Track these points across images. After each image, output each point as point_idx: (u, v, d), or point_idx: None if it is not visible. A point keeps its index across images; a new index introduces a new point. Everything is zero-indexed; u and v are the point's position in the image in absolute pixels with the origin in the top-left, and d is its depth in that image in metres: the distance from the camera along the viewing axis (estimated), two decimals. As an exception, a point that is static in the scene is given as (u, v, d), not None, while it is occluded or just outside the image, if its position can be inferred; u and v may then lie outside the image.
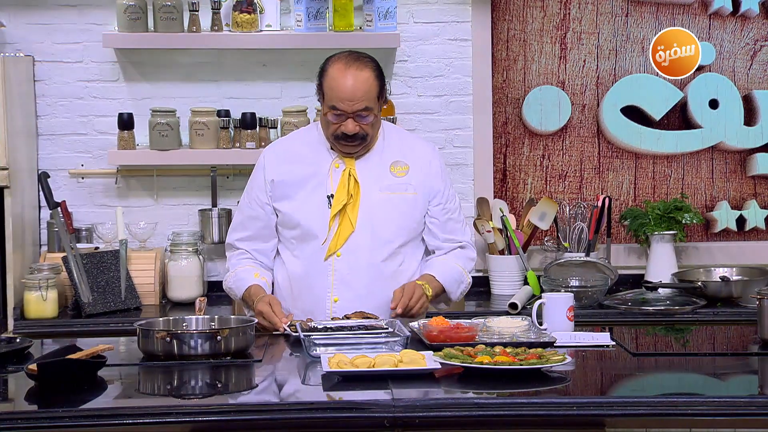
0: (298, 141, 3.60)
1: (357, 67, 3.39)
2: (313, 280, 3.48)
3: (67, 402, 2.66)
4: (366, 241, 3.47)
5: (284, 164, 3.53)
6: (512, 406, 2.63)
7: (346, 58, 3.43)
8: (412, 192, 3.53)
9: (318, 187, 3.49)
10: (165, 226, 4.61)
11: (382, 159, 3.53)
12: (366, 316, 3.32)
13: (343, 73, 3.39)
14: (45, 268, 4.24)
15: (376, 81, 3.42)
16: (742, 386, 2.96)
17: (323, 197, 3.48)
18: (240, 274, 3.56)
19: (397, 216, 3.50)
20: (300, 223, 3.49)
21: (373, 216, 3.48)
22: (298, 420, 2.61)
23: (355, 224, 3.45)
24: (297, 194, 3.50)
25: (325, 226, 3.46)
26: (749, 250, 4.77)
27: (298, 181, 3.50)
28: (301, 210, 3.49)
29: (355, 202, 3.47)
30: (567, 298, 3.33)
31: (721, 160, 4.79)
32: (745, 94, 4.77)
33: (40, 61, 4.60)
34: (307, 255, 3.49)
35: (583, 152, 4.77)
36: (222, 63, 4.65)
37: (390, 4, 4.48)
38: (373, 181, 3.50)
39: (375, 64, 3.46)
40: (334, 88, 3.39)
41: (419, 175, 3.54)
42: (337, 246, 3.46)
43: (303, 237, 3.50)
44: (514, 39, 4.71)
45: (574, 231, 4.54)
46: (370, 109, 3.40)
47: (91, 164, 4.65)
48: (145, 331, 3.03)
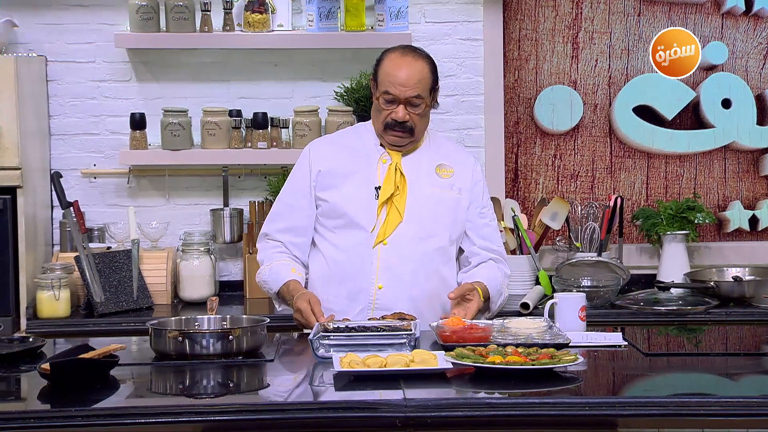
0: (346, 137, 3.65)
1: (413, 57, 3.47)
2: (356, 267, 3.47)
3: (80, 401, 2.66)
4: (413, 231, 3.47)
5: (331, 156, 3.55)
6: (524, 406, 2.63)
7: (403, 48, 3.52)
8: (456, 192, 3.55)
9: (366, 178, 3.51)
10: (177, 226, 4.61)
11: (428, 159, 3.56)
12: (403, 317, 3.29)
13: (398, 60, 3.45)
14: (57, 267, 4.25)
15: (430, 74, 3.48)
16: (755, 386, 2.95)
17: (370, 189, 3.49)
18: (276, 267, 3.54)
19: (444, 211, 3.52)
20: (346, 212, 3.49)
21: (420, 208, 3.49)
22: (310, 420, 2.61)
23: (404, 214, 3.47)
24: (344, 184, 3.51)
25: (372, 216, 3.47)
26: (762, 250, 4.76)
27: (345, 172, 3.52)
28: (348, 199, 3.49)
29: (402, 193, 3.49)
30: (579, 298, 3.32)
31: (734, 160, 4.77)
32: (758, 93, 4.76)
33: (53, 61, 4.61)
34: (352, 243, 3.48)
35: (595, 152, 4.76)
36: (234, 63, 4.65)
37: (402, 3, 4.48)
38: (420, 176, 3.53)
39: (431, 60, 3.52)
40: (389, 74, 3.44)
41: (463, 180, 3.57)
42: (385, 234, 3.46)
43: (348, 226, 3.49)
44: (525, 38, 4.70)
45: (586, 231, 4.53)
46: (422, 98, 3.44)
47: (103, 164, 4.66)
48: (157, 330, 3.04)
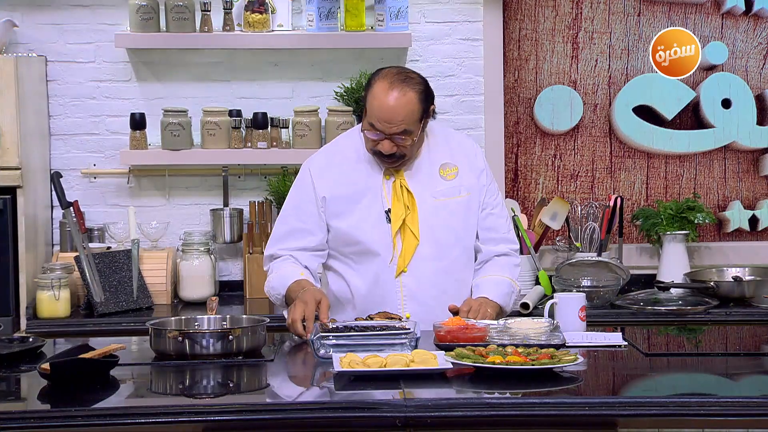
0: (342, 154, 3.47)
1: (401, 89, 3.27)
2: (380, 298, 3.39)
3: (80, 401, 2.67)
4: (430, 251, 3.39)
5: (333, 180, 3.41)
6: (524, 406, 2.63)
7: (392, 77, 3.30)
8: (465, 194, 3.45)
9: (373, 201, 3.39)
10: (177, 226, 4.61)
11: (430, 163, 3.44)
12: (389, 316, 3.30)
13: (385, 94, 3.27)
14: (57, 267, 4.25)
15: (420, 104, 3.31)
16: (755, 386, 2.95)
17: (380, 212, 3.39)
18: (282, 271, 3.39)
19: (455, 222, 3.43)
20: (360, 240, 3.39)
21: (432, 225, 3.40)
22: (310, 420, 2.61)
23: (419, 236, 3.38)
24: (352, 210, 3.39)
25: (388, 244, 3.37)
26: (762, 250, 4.76)
27: (351, 197, 3.40)
28: (359, 227, 3.39)
29: (413, 213, 3.39)
30: (579, 298, 3.32)
31: (734, 160, 4.77)
32: (758, 93, 4.76)
33: (53, 61, 4.61)
34: (371, 272, 3.40)
35: (595, 152, 4.76)
36: (234, 63, 4.65)
37: (401, 3, 4.48)
38: (425, 188, 3.42)
39: (422, 86, 3.33)
40: (375, 107, 3.28)
41: (468, 174, 3.46)
42: (405, 262, 3.38)
43: (364, 253, 3.40)
44: (525, 38, 4.71)
45: (586, 231, 4.53)
46: (409, 132, 3.30)
47: (103, 164, 4.66)
48: (157, 330, 3.04)
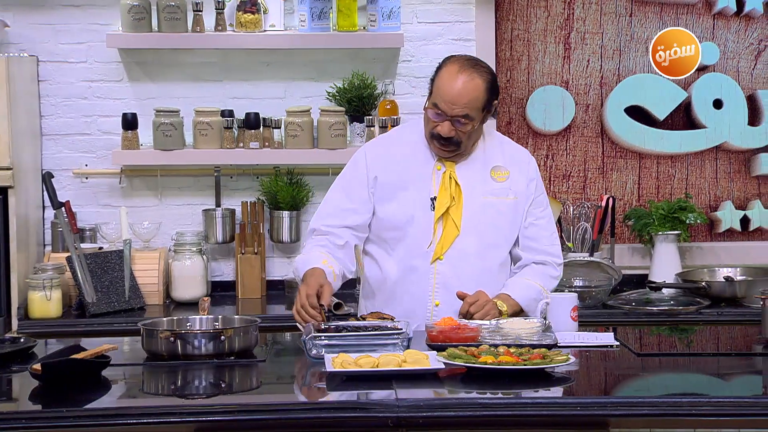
0: (399, 141, 3.51)
1: (469, 73, 3.32)
2: (413, 283, 3.40)
3: (71, 402, 2.66)
4: (471, 245, 3.39)
5: (387, 163, 3.45)
6: (516, 406, 2.63)
7: (463, 62, 3.36)
8: (512, 197, 3.44)
9: (420, 189, 3.41)
10: (169, 226, 4.61)
11: (483, 162, 3.45)
12: (382, 317, 3.29)
13: (454, 75, 3.32)
14: (49, 268, 4.24)
15: (486, 93, 3.33)
16: (747, 386, 2.96)
17: (426, 200, 3.40)
18: (308, 255, 3.39)
19: (501, 221, 3.43)
20: (402, 225, 3.40)
21: (477, 220, 3.40)
22: (302, 420, 2.61)
23: (460, 227, 3.39)
24: (398, 196, 3.41)
25: (429, 230, 3.39)
26: (753, 250, 4.77)
27: (400, 182, 3.42)
28: (403, 212, 3.40)
29: (458, 205, 3.39)
30: (571, 298, 3.33)
31: (726, 160, 4.78)
32: (749, 94, 4.77)
33: (45, 61, 4.60)
34: (407, 257, 3.41)
35: (587, 152, 4.76)
36: (226, 63, 4.65)
37: (394, 4, 4.48)
38: (474, 185, 3.42)
39: (490, 77, 3.37)
40: (441, 87, 3.33)
41: (519, 180, 3.46)
42: (443, 249, 3.38)
43: (403, 238, 3.41)
44: (517, 39, 4.71)
45: (578, 231, 4.54)
46: (470, 118, 3.32)
47: (95, 164, 4.65)
48: (149, 330, 3.03)
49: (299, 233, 4.62)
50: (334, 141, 4.49)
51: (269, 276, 4.64)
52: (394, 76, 4.66)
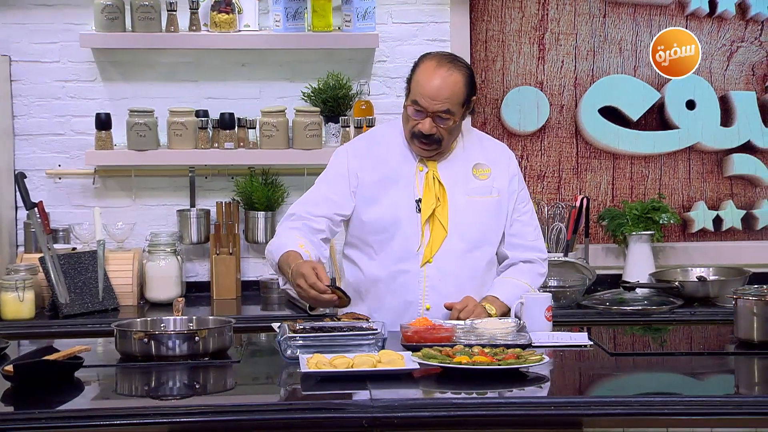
0: (380, 141, 3.48)
1: (448, 68, 3.30)
2: (402, 286, 3.38)
3: (44, 403, 2.64)
4: (457, 245, 3.37)
5: (369, 163, 3.42)
6: (490, 406, 2.64)
7: (440, 57, 3.35)
8: (496, 195, 3.44)
9: (404, 191, 3.38)
10: (143, 227, 4.59)
11: (464, 161, 3.44)
12: (357, 317, 3.29)
13: (432, 71, 3.30)
14: (22, 268, 4.21)
15: (465, 88, 3.32)
16: (719, 386, 2.98)
17: (411, 202, 3.37)
18: (283, 239, 3.36)
19: (486, 220, 3.42)
20: (388, 228, 3.37)
21: (462, 220, 3.39)
22: (277, 421, 2.60)
23: (447, 228, 3.36)
24: (382, 199, 3.38)
25: (416, 232, 3.36)
26: (726, 251, 4.80)
27: (382, 184, 3.39)
28: (389, 215, 3.37)
29: (444, 205, 3.37)
30: (545, 299, 3.33)
31: (698, 161, 4.81)
32: (722, 95, 4.80)
33: (17, 61, 4.58)
34: (394, 260, 3.37)
35: (562, 153, 4.78)
36: (200, 63, 4.63)
37: (369, 4, 4.48)
38: (457, 184, 3.41)
39: (468, 71, 3.35)
40: (420, 83, 3.30)
41: (501, 178, 3.46)
42: (432, 252, 3.36)
43: (389, 241, 3.38)
44: (492, 40, 4.72)
45: (553, 231, 4.55)
46: (451, 113, 3.30)
47: (68, 164, 4.62)
48: (123, 332, 3.02)
49: (274, 234, 4.60)
50: (309, 141, 4.49)
51: (244, 276, 4.63)
52: (369, 77, 4.66)
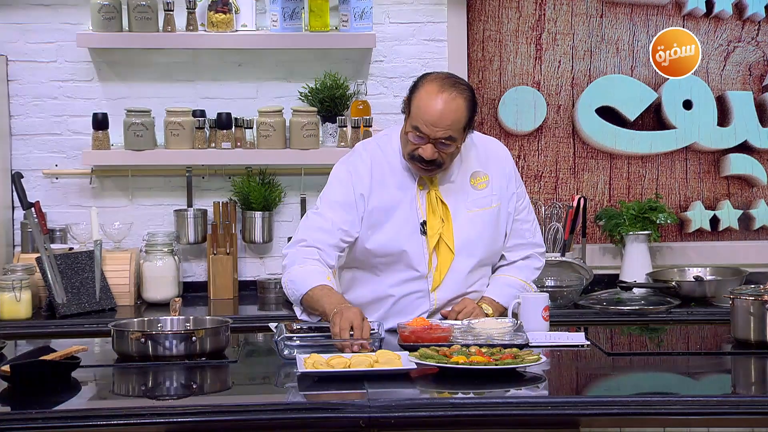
0: (379, 162, 3.38)
1: (450, 93, 3.20)
2: (408, 304, 3.37)
3: (41, 403, 2.64)
4: (463, 264, 3.37)
5: (371, 188, 3.35)
6: (487, 406, 2.64)
7: (442, 80, 3.24)
8: (495, 204, 3.41)
9: (408, 213, 3.34)
10: (140, 227, 4.59)
11: (461, 173, 3.39)
12: None
13: (435, 96, 3.20)
14: (18, 268, 4.21)
15: (467, 112, 3.23)
16: (716, 385, 2.98)
17: (416, 225, 3.33)
18: (309, 269, 3.25)
19: (487, 233, 3.40)
20: (394, 252, 3.34)
21: (466, 237, 3.36)
22: (274, 421, 2.60)
23: (455, 250, 3.35)
24: (386, 224, 3.34)
25: (423, 256, 3.34)
26: (723, 250, 4.80)
27: (386, 208, 3.34)
28: (395, 240, 3.33)
29: (448, 225, 3.35)
30: (542, 298, 3.34)
31: (695, 161, 4.81)
32: (719, 95, 4.80)
33: (14, 61, 4.57)
34: (401, 280, 3.36)
35: (559, 153, 4.78)
36: (197, 63, 4.63)
37: (366, 4, 4.48)
38: (458, 200, 3.37)
39: (470, 94, 3.26)
40: (422, 109, 3.21)
41: (499, 181, 3.43)
42: (441, 277, 3.35)
43: (395, 262, 3.35)
44: (489, 40, 4.72)
45: (550, 231, 4.55)
46: (453, 140, 3.23)
47: (65, 164, 4.62)
48: (120, 332, 3.02)
49: (271, 234, 4.61)
50: (306, 141, 4.49)
51: (241, 277, 4.63)
52: (366, 77, 4.66)
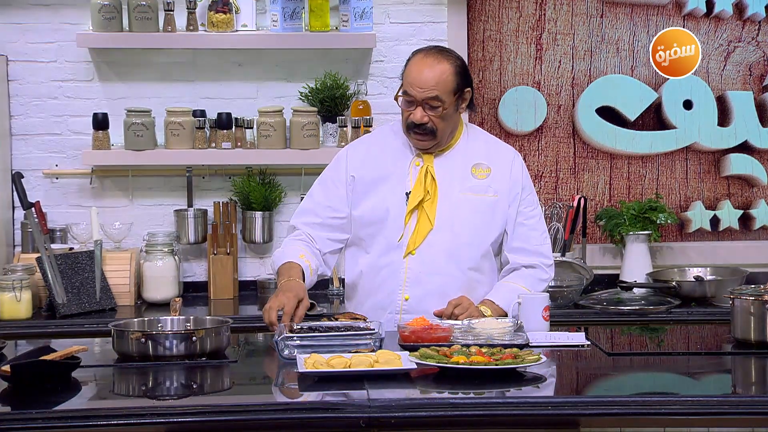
0: (380, 140, 3.52)
1: (436, 58, 3.34)
2: (385, 276, 3.41)
3: (41, 403, 2.64)
4: (445, 240, 3.39)
5: (366, 162, 3.46)
6: (487, 406, 2.64)
7: (428, 49, 3.40)
8: (492, 195, 3.43)
9: (397, 184, 3.42)
10: (140, 227, 4.59)
11: (464, 159, 3.44)
12: (354, 317, 3.29)
13: (420, 61, 3.35)
14: (19, 268, 4.21)
15: (454, 77, 3.34)
16: (716, 385, 2.98)
17: (401, 194, 3.41)
18: (287, 249, 3.41)
19: (478, 219, 3.42)
20: (376, 221, 3.41)
21: (452, 216, 3.40)
22: (274, 421, 2.60)
23: (434, 222, 3.38)
24: (374, 193, 3.42)
25: (401, 223, 3.40)
26: (723, 250, 4.80)
27: (376, 180, 3.43)
28: (378, 207, 3.41)
29: (433, 199, 3.39)
30: (542, 298, 3.33)
31: (695, 161, 4.81)
32: (719, 94, 4.80)
33: (14, 61, 4.57)
34: (381, 251, 3.41)
35: (559, 152, 4.78)
36: (197, 63, 4.63)
37: (366, 4, 4.48)
38: (453, 180, 3.42)
39: (457, 62, 3.38)
40: (409, 73, 3.35)
41: (501, 179, 3.45)
42: (415, 244, 3.38)
43: (377, 234, 3.41)
44: (489, 40, 4.72)
45: (550, 231, 4.55)
46: (440, 101, 3.32)
47: (65, 164, 4.62)
48: (120, 331, 3.02)
49: (272, 234, 4.61)
50: (306, 141, 4.49)
51: (241, 277, 4.63)
52: (366, 77, 4.66)
